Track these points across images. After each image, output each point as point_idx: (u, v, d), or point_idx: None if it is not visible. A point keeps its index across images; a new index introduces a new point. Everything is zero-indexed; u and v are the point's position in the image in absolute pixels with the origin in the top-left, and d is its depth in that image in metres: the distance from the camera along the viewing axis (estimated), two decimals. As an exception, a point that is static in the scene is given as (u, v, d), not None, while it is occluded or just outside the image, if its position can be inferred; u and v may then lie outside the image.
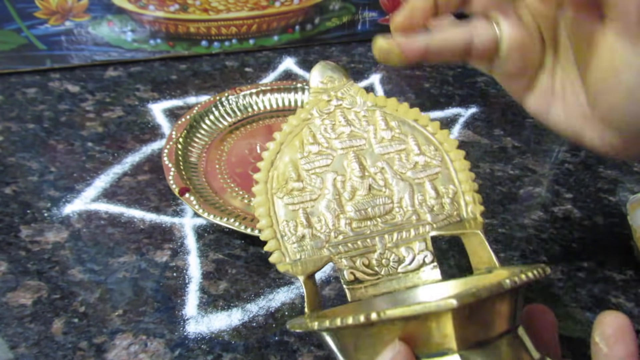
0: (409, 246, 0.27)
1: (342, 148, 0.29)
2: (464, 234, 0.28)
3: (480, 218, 0.28)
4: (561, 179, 0.49)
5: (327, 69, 0.32)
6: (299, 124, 0.30)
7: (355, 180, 0.28)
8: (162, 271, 0.38)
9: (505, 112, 0.58)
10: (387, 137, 0.30)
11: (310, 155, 0.29)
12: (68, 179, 0.45)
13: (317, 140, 0.29)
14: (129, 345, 0.33)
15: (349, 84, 0.32)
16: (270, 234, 0.27)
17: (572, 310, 0.37)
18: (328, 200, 0.28)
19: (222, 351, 0.33)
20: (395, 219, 0.28)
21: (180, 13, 0.60)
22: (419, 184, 0.29)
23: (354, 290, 0.26)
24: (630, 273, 0.39)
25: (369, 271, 0.27)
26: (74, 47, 0.59)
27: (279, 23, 0.65)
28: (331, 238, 0.27)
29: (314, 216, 0.27)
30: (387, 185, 0.28)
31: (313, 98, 0.31)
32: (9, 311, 0.35)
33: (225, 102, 0.53)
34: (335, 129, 0.30)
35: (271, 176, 0.28)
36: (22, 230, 0.40)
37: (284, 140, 0.29)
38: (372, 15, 0.68)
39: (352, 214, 0.27)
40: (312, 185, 0.28)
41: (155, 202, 0.44)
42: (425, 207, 0.28)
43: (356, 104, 0.31)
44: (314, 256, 0.26)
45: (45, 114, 0.53)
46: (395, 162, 0.29)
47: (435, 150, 0.30)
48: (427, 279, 0.27)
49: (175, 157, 0.45)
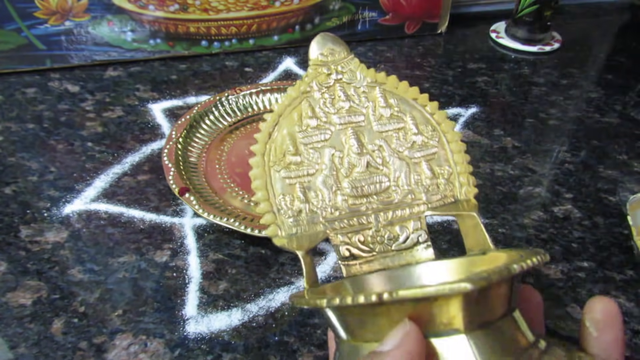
0: (403, 225, 0.27)
1: (340, 123, 0.29)
2: (459, 215, 0.28)
3: (473, 200, 0.28)
4: (561, 179, 0.49)
5: (328, 41, 0.32)
6: (298, 97, 0.29)
7: (353, 157, 0.28)
8: (162, 271, 0.38)
9: (505, 112, 0.58)
10: (386, 114, 0.29)
11: (309, 129, 0.28)
12: (68, 179, 0.45)
13: (316, 114, 0.29)
14: (128, 345, 0.33)
15: (349, 58, 0.31)
16: (267, 207, 0.26)
17: (572, 310, 0.37)
18: (325, 176, 0.27)
19: (222, 351, 0.33)
20: (391, 197, 0.28)
21: (180, 13, 0.60)
22: (415, 164, 0.29)
23: (349, 266, 0.26)
24: (630, 273, 0.39)
25: (364, 248, 0.27)
26: (74, 47, 0.59)
27: (279, 23, 0.65)
28: (327, 214, 0.27)
29: (310, 191, 0.27)
30: (385, 163, 0.28)
31: (312, 71, 0.30)
32: (8, 311, 0.35)
33: (225, 102, 0.52)
34: (334, 103, 0.29)
35: (268, 148, 0.27)
36: (22, 230, 0.40)
37: (282, 113, 0.29)
38: (372, 15, 0.68)
39: (348, 190, 0.27)
40: (309, 160, 0.28)
41: (155, 202, 0.44)
42: (421, 187, 0.28)
43: (356, 79, 0.30)
44: (310, 231, 0.26)
45: (45, 113, 0.53)
46: (393, 140, 0.29)
47: (433, 131, 0.29)
48: (420, 257, 0.27)
49: (175, 157, 0.45)
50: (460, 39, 0.73)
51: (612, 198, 0.47)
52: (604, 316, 0.21)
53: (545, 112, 0.58)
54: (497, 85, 0.63)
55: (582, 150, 0.53)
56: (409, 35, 0.71)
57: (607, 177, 0.49)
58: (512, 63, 0.68)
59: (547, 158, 0.51)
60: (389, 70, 0.64)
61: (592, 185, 0.48)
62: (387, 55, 0.67)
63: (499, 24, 0.76)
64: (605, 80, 0.65)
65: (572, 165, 0.51)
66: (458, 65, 0.66)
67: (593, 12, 0.84)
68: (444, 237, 0.42)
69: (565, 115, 0.58)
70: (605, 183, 0.48)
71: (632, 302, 0.37)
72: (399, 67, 0.65)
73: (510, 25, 0.72)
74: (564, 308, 0.37)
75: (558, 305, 0.37)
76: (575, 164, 0.51)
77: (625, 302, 0.37)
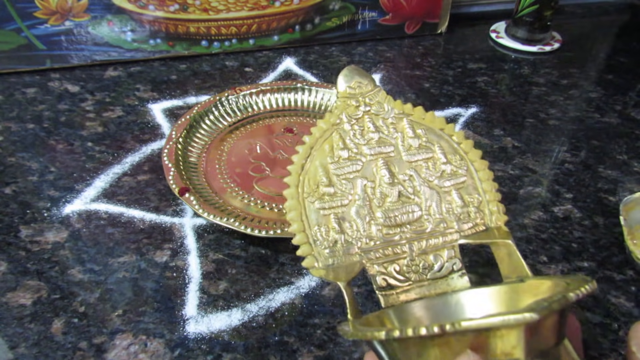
0: (437, 253, 0.28)
1: (371, 154, 0.29)
2: (494, 243, 0.28)
3: (504, 227, 0.28)
4: (561, 179, 0.49)
5: (355, 74, 0.32)
6: (329, 129, 0.30)
7: (385, 187, 0.28)
8: (162, 271, 0.38)
9: (505, 112, 0.58)
10: (415, 145, 0.30)
11: (341, 160, 0.29)
12: (68, 179, 0.45)
13: (347, 145, 0.29)
14: (128, 345, 0.33)
15: (376, 90, 0.32)
16: (303, 238, 0.26)
17: (572, 310, 0.37)
18: (359, 206, 0.28)
19: (222, 351, 0.33)
20: (424, 226, 0.28)
21: (180, 13, 0.60)
22: (445, 192, 0.29)
23: (387, 296, 0.26)
24: (630, 273, 0.39)
25: (400, 277, 0.27)
26: (74, 47, 0.59)
27: (279, 23, 0.65)
28: (362, 244, 0.27)
29: (345, 221, 0.27)
30: (416, 192, 0.29)
31: (341, 103, 0.31)
32: (8, 311, 0.35)
33: (225, 102, 0.52)
34: (364, 134, 0.30)
35: (302, 180, 0.28)
36: (22, 230, 0.40)
37: (314, 144, 0.29)
38: (372, 15, 0.68)
39: (382, 220, 0.28)
40: (343, 191, 0.28)
41: (155, 202, 0.44)
42: (452, 215, 0.28)
43: (384, 111, 0.31)
44: (346, 262, 0.26)
45: (45, 114, 0.53)
46: (423, 169, 0.29)
47: (461, 160, 0.30)
48: (456, 285, 0.27)
49: (175, 157, 0.45)
50: (460, 39, 0.73)
51: (612, 198, 0.47)
52: None
53: (545, 112, 0.58)
54: (497, 85, 0.63)
55: (582, 150, 0.53)
56: (409, 35, 0.71)
57: (607, 177, 0.49)
58: (512, 63, 0.68)
59: (547, 158, 0.51)
60: (389, 71, 0.64)
61: (592, 185, 0.48)
62: (387, 55, 0.67)
63: (499, 24, 0.76)
64: (605, 80, 0.65)
65: (572, 165, 0.51)
66: (458, 65, 0.66)
67: (593, 12, 0.84)
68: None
69: (565, 115, 0.58)
70: (605, 183, 0.48)
71: (632, 302, 0.37)
72: (399, 67, 0.65)
73: (510, 25, 0.72)
74: (564, 308, 0.37)
75: (558, 305, 0.37)
76: (575, 164, 0.51)
77: (625, 302, 0.37)
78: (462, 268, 0.28)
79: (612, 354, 0.34)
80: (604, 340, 0.35)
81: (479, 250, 0.40)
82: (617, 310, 0.37)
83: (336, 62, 0.65)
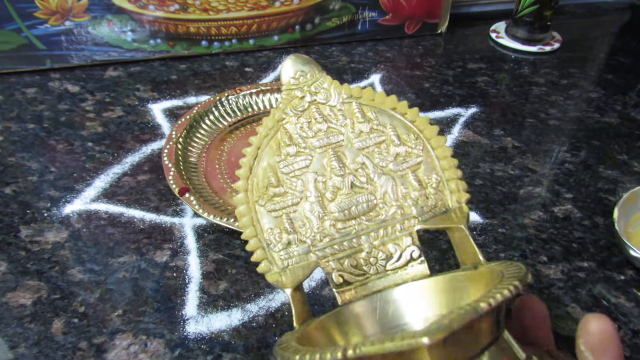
0: (395, 242, 0.27)
1: (320, 147, 0.28)
2: (449, 229, 0.27)
3: (465, 207, 0.27)
4: (561, 179, 0.49)
5: (298, 63, 0.30)
6: (274, 126, 0.29)
7: (336, 179, 0.28)
8: (162, 271, 0.38)
9: (505, 112, 0.58)
10: (366, 129, 0.29)
11: (288, 157, 0.28)
12: (68, 179, 0.45)
13: (294, 140, 0.28)
14: (128, 345, 0.33)
15: (321, 76, 0.30)
16: (256, 243, 0.26)
17: (572, 310, 0.37)
18: (311, 203, 0.27)
19: (222, 351, 0.33)
20: (380, 215, 0.27)
21: (180, 13, 0.60)
22: (401, 176, 0.28)
23: (344, 292, 0.26)
24: (630, 273, 0.39)
25: (358, 272, 0.26)
26: (74, 47, 0.59)
27: (279, 23, 0.65)
28: (317, 241, 0.27)
29: (297, 221, 0.27)
30: (369, 181, 0.28)
31: (286, 96, 0.30)
32: (8, 311, 0.35)
33: (225, 102, 0.52)
34: (311, 126, 0.29)
35: (251, 184, 0.27)
36: (22, 230, 0.40)
37: (261, 144, 0.28)
38: (372, 15, 0.68)
39: (336, 214, 0.27)
40: (293, 189, 0.27)
41: (155, 202, 0.44)
42: (409, 200, 0.28)
43: (331, 98, 0.29)
44: (302, 262, 0.26)
45: (45, 114, 0.53)
46: (376, 155, 0.28)
47: (416, 139, 0.29)
48: (415, 274, 0.27)
49: (175, 157, 0.45)
50: (460, 39, 0.73)
51: (612, 198, 0.47)
52: (600, 339, 0.20)
53: (545, 112, 0.58)
54: (497, 85, 0.63)
55: (582, 150, 0.53)
56: (409, 35, 0.71)
57: (607, 177, 0.49)
58: (512, 63, 0.68)
59: (547, 158, 0.51)
60: (388, 71, 0.64)
61: (592, 185, 0.48)
62: (387, 55, 0.67)
63: (499, 24, 0.76)
64: (605, 80, 0.65)
65: (572, 165, 0.51)
66: (458, 65, 0.66)
67: (593, 12, 0.84)
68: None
69: (565, 115, 0.58)
70: (605, 183, 0.48)
71: (632, 302, 0.37)
72: (399, 67, 0.65)
73: (510, 25, 0.72)
74: (564, 308, 0.37)
75: (558, 305, 0.37)
76: (575, 164, 0.51)
77: (625, 302, 0.37)
78: (420, 255, 0.27)
79: (612, 354, 0.34)
80: (604, 340, 0.35)
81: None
82: (617, 310, 0.37)
83: (336, 62, 0.65)
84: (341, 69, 0.64)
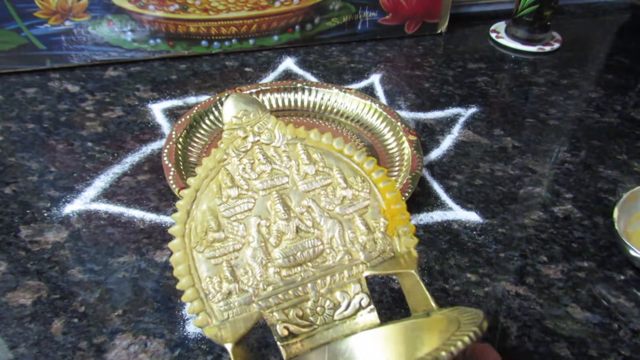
0: (343, 290, 0.26)
1: (263, 189, 0.27)
2: (399, 274, 0.26)
3: (414, 251, 0.26)
4: (561, 179, 0.49)
5: (240, 102, 0.30)
6: (215, 167, 0.27)
7: (281, 224, 0.26)
8: (162, 271, 0.38)
9: (505, 112, 0.58)
10: (311, 172, 0.28)
11: (230, 200, 0.26)
12: (68, 179, 0.45)
13: (236, 182, 0.27)
14: (128, 345, 0.33)
15: (265, 116, 0.29)
16: (193, 294, 0.25)
17: (572, 310, 0.37)
18: (253, 249, 0.26)
19: (222, 351, 0.33)
20: (327, 261, 0.26)
21: (180, 13, 0.60)
22: (348, 220, 0.27)
23: (289, 346, 0.24)
24: (630, 273, 0.39)
25: (304, 322, 0.25)
26: (74, 47, 0.59)
27: (279, 23, 0.65)
28: (260, 291, 0.25)
29: (239, 268, 0.25)
30: (316, 225, 0.26)
31: (228, 136, 0.28)
32: (8, 311, 0.35)
33: (225, 102, 0.52)
34: (254, 168, 0.27)
35: (188, 228, 0.26)
36: (22, 230, 0.40)
37: (199, 187, 0.27)
38: (372, 15, 0.68)
39: (280, 261, 0.26)
40: (234, 234, 0.26)
41: (155, 202, 0.44)
42: (357, 245, 0.26)
43: (275, 138, 0.28)
44: (243, 314, 0.24)
45: (45, 113, 0.53)
46: (322, 198, 0.27)
47: (363, 182, 0.28)
48: (365, 323, 0.25)
49: (175, 157, 0.45)
50: (460, 39, 0.73)
51: (612, 198, 0.47)
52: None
53: (545, 112, 0.58)
54: (497, 85, 0.63)
55: (582, 150, 0.53)
56: (409, 35, 0.71)
57: (607, 177, 0.49)
58: (512, 63, 0.68)
59: (547, 158, 0.51)
60: (388, 71, 0.64)
61: (592, 185, 0.48)
62: (387, 55, 0.67)
63: (499, 24, 0.76)
64: (605, 80, 0.65)
65: (572, 165, 0.51)
66: (458, 65, 0.66)
67: (593, 12, 0.84)
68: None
69: (565, 115, 0.58)
70: (605, 183, 0.48)
71: (632, 302, 0.37)
72: (399, 67, 0.65)
73: (510, 25, 0.72)
74: (564, 308, 0.37)
75: (558, 305, 0.37)
76: (575, 164, 0.51)
77: (625, 302, 0.37)
78: (370, 303, 0.25)
79: (612, 354, 0.34)
80: (604, 340, 0.35)
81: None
82: (617, 310, 0.37)
83: (336, 62, 0.65)
84: (341, 69, 0.64)
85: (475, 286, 0.38)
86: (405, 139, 0.48)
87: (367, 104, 0.53)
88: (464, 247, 0.41)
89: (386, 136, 0.50)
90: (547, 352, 0.34)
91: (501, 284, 0.38)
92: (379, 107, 0.52)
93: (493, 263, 0.40)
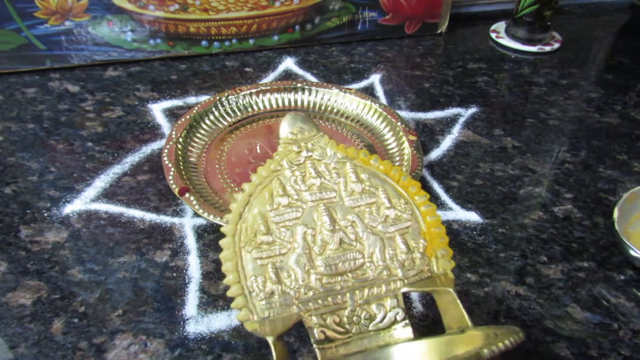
0: (380, 303, 0.27)
1: (312, 200, 0.29)
2: (436, 292, 0.27)
3: (450, 274, 0.27)
4: (561, 179, 0.49)
5: (297, 120, 0.32)
6: (269, 176, 0.29)
7: (326, 234, 0.28)
8: (162, 271, 0.38)
9: (505, 112, 0.58)
10: (358, 189, 0.29)
11: (280, 207, 0.28)
12: (68, 179, 0.45)
13: (287, 192, 0.29)
14: (128, 345, 0.33)
15: (319, 135, 0.31)
16: (238, 290, 0.26)
17: (572, 310, 0.37)
18: (298, 255, 0.27)
19: (222, 351, 0.33)
20: (366, 274, 0.27)
21: (180, 13, 0.60)
22: (389, 238, 0.28)
23: (325, 350, 0.25)
24: (630, 273, 0.39)
25: (340, 329, 0.26)
26: (74, 47, 0.59)
27: (279, 23, 0.65)
28: (301, 294, 0.26)
29: (283, 271, 0.27)
30: (358, 239, 0.28)
31: (283, 149, 0.30)
32: (8, 311, 0.35)
33: (225, 102, 0.52)
34: (305, 180, 0.29)
35: (239, 229, 0.27)
36: (22, 230, 0.40)
37: (253, 192, 0.29)
38: (372, 15, 0.68)
39: (322, 268, 0.27)
40: (281, 239, 0.27)
41: (155, 202, 0.44)
42: (396, 262, 0.28)
43: (326, 156, 0.31)
44: (283, 314, 0.26)
45: (45, 114, 0.53)
46: (366, 215, 0.29)
47: (406, 204, 0.29)
48: (399, 337, 0.26)
49: (175, 157, 0.45)
50: (460, 39, 0.73)
51: (612, 198, 0.47)
52: None
53: (545, 112, 0.58)
54: (497, 85, 0.63)
55: (582, 150, 0.53)
56: (409, 35, 0.71)
57: (607, 177, 0.49)
58: (512, 63, 0.68)
59: (547, 158, 0.51)
60: (388, 71, 0.64)
61: (592, 185, 0.48)
62: (387, 55, 0.67)
63: (499, 24, 0.76)
64: (605, 80, 0.65)
65: (572, 165, 0.51)
66: (458, 65, 0.66)
67: (593, 12, 0.84)
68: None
69: (565, 115, 0.58)
70: (605, 183, 0.48)
71: (632, 302, 0.37)
72: (399, 67, 0.65)
73: (510, 25, 0.72)
74: (564, 308, 0.37)
75: (558, 305, 0.37)
76: (575, 164, 0.51)
77: (625, 302, 0.37)
78: (405, 318, 0.27)
79: (612, 354, 0.34)
80: (604, 340, 0.35)
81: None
82: (617, 310, 0.37)
83: (336, 62, 0.65)
84: (341, 69, 0.64)
85: (475, 286, 0.38)
86: (405, 139, 0.48)
87: (367, 104, 0.53)
88: (464, 247, 0.41)
89: (386, 136, 0.50)
90: (547, 352, 0.34)
91: (501, 284, 0.38)
92: (379, 107, 0.52)
93: (493, 263, 0.40)
